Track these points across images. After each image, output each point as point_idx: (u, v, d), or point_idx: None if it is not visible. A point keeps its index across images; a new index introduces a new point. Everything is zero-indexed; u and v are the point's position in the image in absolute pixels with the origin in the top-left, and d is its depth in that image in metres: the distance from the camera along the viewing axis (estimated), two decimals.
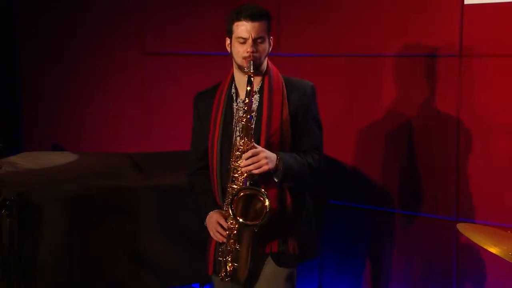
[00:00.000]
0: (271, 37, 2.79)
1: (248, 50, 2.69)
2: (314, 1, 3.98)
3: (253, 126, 2.67)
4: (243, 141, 2.65)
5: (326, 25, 3.94)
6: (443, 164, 3.61)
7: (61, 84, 5.10)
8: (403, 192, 3.78)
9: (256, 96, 2.79)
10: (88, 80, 4.99)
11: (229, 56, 2.87)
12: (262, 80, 2.80)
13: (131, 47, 4.74)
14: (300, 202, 2.85)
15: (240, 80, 2.79)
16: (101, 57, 4.90)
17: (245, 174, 2.66)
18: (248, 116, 2.63)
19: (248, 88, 2.62)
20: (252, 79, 2.64)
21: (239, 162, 2.65)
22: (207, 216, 2.81)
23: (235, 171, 2.67)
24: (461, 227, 2.65)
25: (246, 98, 2.63)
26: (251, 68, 2.66)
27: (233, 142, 2.69)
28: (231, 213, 2.63)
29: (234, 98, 2.82)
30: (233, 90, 2.85)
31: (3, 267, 3.18)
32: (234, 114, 2.79)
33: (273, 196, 2.72)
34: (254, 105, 2.78)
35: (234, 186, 2.67)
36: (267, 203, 2.60)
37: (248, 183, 2.66)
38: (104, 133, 4.94)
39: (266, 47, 2.75)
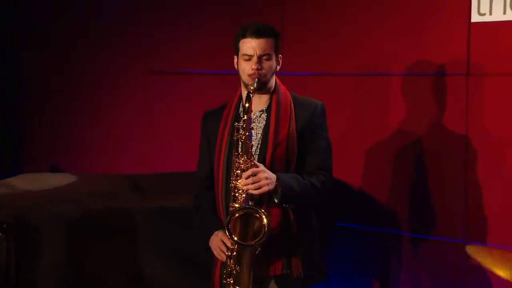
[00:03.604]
0: (280, 55, 2.80)
1: (253, 67, 2.72)
2: (318, 19, 3.99)
3: (252, 143, 2.69)
4: (243, 159, 2.66)
5: (330, 43, 3.95)
6: (452, 184, 3.61)
7: (61, 103, 5.12)
8: (410, 214, 3.77)
9: (264, 115, 2.81)
10: (88, 99, 5.00)
11: (235, 75, 2.90)
12: (270, 99, 2.81)
13: (135, 66, 4.73)
14: (305, 222, 2.84)
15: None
16: (103, 75, 4.91)
17: (245, 193, 2.67)
18: (247, 133, 2.65)
19: (247, 105, 2.64)
20: (252, 95, 2.65)
21: (239, 181, 2.67)
22: (212, 236, 2.81)
23: (235, 190, 2.69)
24: (471, 250, 2.66)
25: (245, 115, 2.64)
26: (255, 85, 2.68)
27: (233, 160, 2.69)
28: (227, 234, 2.63)
29: (241, 117, 2.80)
30: (240, 109, 2.84)
31: None
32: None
33: (276, 216, 2.73)
34: (261, 124, 2.80)
35: (236, 205, 2.68)
36: (265, 221, 2.60)
37: (249, 202, 2.67)
38: (105, 154, 4.93)
39: (272, 64, 2.77)
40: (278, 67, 2.81)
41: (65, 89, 5.07)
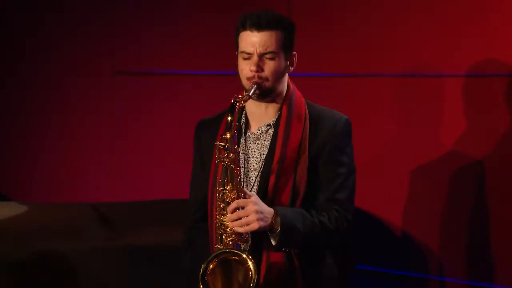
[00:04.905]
0: (294, 53, 2.59)
1: (252, 68, 2.50)
2: (341, 7, 3.79)
3: (239, 168, 2.50)
4: (228, 187, 2.47)
5: (363, 37, 3.74)
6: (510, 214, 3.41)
7: (5, 114, 4.71)
8: (455, 255, 3.54)
9: (271, 131, 2.61)
10: (41, 108, 4.62)
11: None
12: (280, 110, 2.60)
13: (99, 66, 4.43)
14: (317, 271, 2.60)
15: (252, 107, 2.59)
16: (59, 77, 4.53)
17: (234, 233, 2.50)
18: (233, 155, 2.45)
19: (229, 118, 2.45)
20: (237, 105, 2.46)
21: (224, 217, 2.49)
22: None
23: (222, 227, 2.49)
24: None
25: (227, 133, 2.45)
26: (250, 92, 2.48)
27: (216, 189, 2.52)
28: None
29: (243, 131, 2.61)
30: (242, 120, 2.64)
31: None
32: (243, 150, 2.62)
33: (276, 264, 2.53)
34: (267, 142, 2.59)
35: (220, 247, 2.49)
36: (252, 272, 2.38)
37: (242, 245, 2.48)
38: (63, 177, 4.55)
39: (278, 65, 2.53)
40: (291, 69, 2.60)
41: (10, 96, 4.69)
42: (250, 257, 2.40)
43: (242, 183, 2.53)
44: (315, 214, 2.52)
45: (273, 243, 2.46)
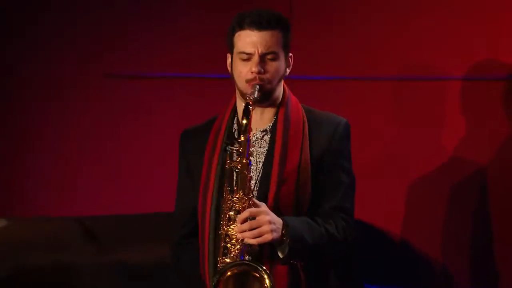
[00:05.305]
0: (290, 55, 2.58)
1: (253, 69, 2.47)
2: (341, 8, 3.78)
3: (251, 174, 2.47)
4: (238, 196, 2.43)
5: (363, 40, 3.73)
6: None
7: None
8: (465, 269, 3.53)
9: (267, 137, 2.58)
10: (21, 113, 4.36)
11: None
12: (276, 115, 2.59)
13: (86, 68, 4.27)
14: (323, 284, 2.57)
15: None
16: (44, 80, 4.32)
17: (241, 244, 2.44)
18: (245, 161, 2.42)
19: (245, 121, 2.43)
20: (251, 108, 2.43)
21: (232, 227, 2.44)
22: None
23: (227, 239, 2.45)
24: None
25: (242, 136, 2.44)
26: (255, 95, 2.45)
27: (224, 198, 2.48)
28: None
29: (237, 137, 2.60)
30: (235, 127, 2.62)
31: None
32: None
33: (281, 277, 2.48)
34: (263, 149, 2.57)
35: (227, 260, 2.45)
36: (267, 283, 2.34)
37: (246, 256, 2.43)
38: (46, 189, 4.31)
39: (279, 67, 2.53)
40: (288, 70, 2.58)
41: None
42: (268, 273, 2.36)
43: (253, 191, 2.50)
44: (322, 223, 2.51)
45: (281, 255, 2.44)
